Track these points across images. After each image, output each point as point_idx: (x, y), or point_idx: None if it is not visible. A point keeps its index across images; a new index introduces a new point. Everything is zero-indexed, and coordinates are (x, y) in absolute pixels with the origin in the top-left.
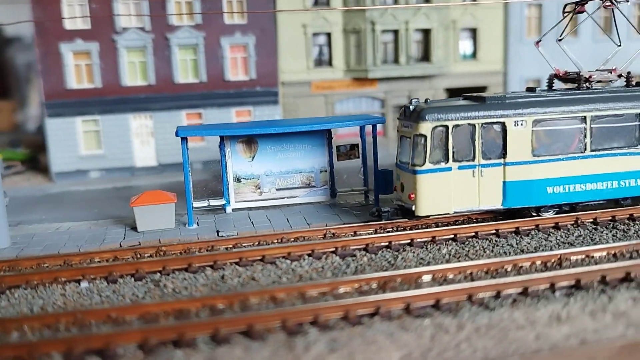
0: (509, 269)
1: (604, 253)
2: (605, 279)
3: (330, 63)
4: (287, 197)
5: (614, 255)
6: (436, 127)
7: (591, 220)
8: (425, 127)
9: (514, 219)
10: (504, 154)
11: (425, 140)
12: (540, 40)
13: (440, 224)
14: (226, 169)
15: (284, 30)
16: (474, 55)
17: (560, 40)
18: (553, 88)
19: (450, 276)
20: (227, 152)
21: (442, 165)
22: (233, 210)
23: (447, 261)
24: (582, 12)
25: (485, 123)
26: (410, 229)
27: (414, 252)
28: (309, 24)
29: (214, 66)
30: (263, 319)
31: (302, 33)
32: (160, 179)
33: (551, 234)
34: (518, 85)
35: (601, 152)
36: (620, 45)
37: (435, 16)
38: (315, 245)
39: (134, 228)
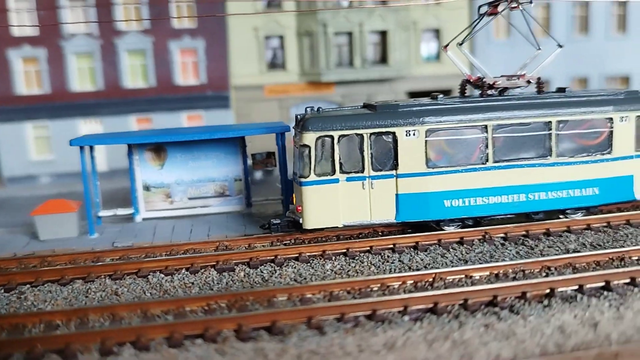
0: (375, 289)
1: (486, 273)
2: (467, 303)
3: (284, 66)
4: (200, 207)
5: (497, 275)
6: (320, 137)
7: (502, 235)
8: (309, 138)
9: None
10: (395, 166)
11: (310, 151)
12: (460, 43)
13: (351, 237)
14: (134, 178)
15: (235, 33)
16: (437, 57)
17: (461, 44)
18: (465, 95)
19: (309, 295)
20: (135, 160)
21: (329, 177)
22: (143, 219)
23: (323, 278)
24: (495, 13)
25: (374, 133)
26: (309, 242)
27: (295, 268)
28: (261, 27)
29: (164, 71)
30: (80, 338)
31: (253, 36)
32: (108, 185)
33: (451, 250)
34: None
35: (506, 164)
36: (539, 49)
37: (392, 17)
38: (195, 259)
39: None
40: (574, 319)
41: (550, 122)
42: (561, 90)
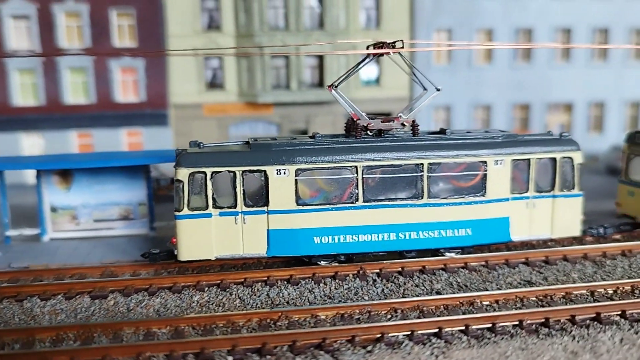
0: (220, 325)
1: (333, 312)
2: (296, 344)
3: (222, 86)
4: (105, 229)
5: (342, 316)
6: (193, 173)
7: (377, 270)
8: (182, 173)
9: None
10: (267, 202)
11: (183, 186)
12: (335, 85)
13: (244, 267)
14: (42, 199)
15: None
16: (377, 81)
17: (336, 86)
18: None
19: (154, 329)
20: (42, 182)
21: (202, 211)
22: (51, 239)
23: (185, 310)
24: (379, 55)
25: (246, 170)
26: (198, 272)
27: (164, 299)
28: (200, 48)
29: (104, 88)
30: None
31: (193, 57)
32: (25, 198)
33: (322, 285)
34: (425, 111)
35: (376, 203)
36: (439, 90)
37: (328, 41)
38: (74, 285)
39: None
40: None
41: (422, 164)
42: (442, 131)
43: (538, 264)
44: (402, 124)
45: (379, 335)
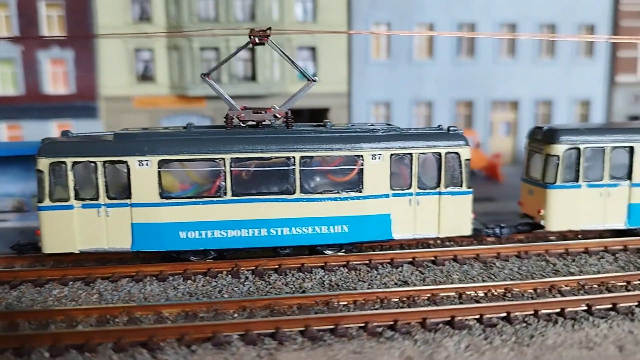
0: (58, 320)
1: (179, 310)
2: (120, 343)
3: (153, 79)
4: None
5: (187, 314)
6: (54, 163)
7: (253, 268)
8: (43, 163)
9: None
10: (129, 195)
11: (44, 176)
12: (208, 74)
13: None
14: None
15: (105, 45)
16: (314, 75)
17: (206, 75)
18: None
19: None
20: None
21: (64, 202)
22: None
23: (38, 304)
24: (263, 43)
25: (108, 161)
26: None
27: (22, 292)
28: (130, 40)
29: (33, 79)
30: None
31: (123, 48)
32: None
33: (190, 281)
34: (365, 107)
35: (246, 197)
36: (314, 81)
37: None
38: None
39: None
40: None
41: (293, 157)
42: (322, 124)
43: (424, 264)
44: (275, 116)
45: (210, 335)
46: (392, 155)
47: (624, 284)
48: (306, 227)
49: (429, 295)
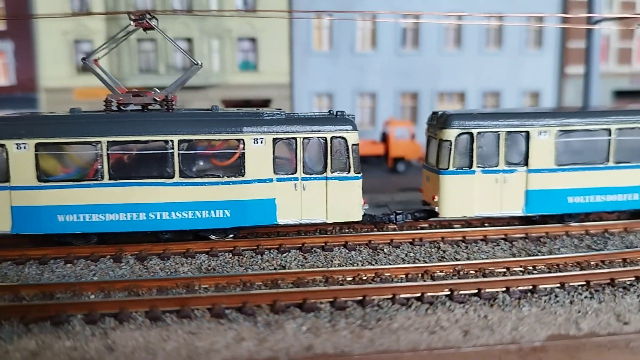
0: None
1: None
2: None
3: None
4: None
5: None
6: None
7: (137, 252)
8: None
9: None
10: (9, 178)
11: None
12: (88, 57)
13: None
14: None
15: (45, 36)
16: (255, 66)
17: (86, 59)
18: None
19: None
20: None
21: None
22: None
23: None
24: (153, 27)
25: None
26: None
27: None
28: (70, 31)
29: None
30: None
31: (63, 40)
32: None
33: (69, 265)
34: (307, 98)
35: (124, 181)
36: (199, 65)
37: (196, 25)
38: None
39: None
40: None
41: (171, 141)
42: (208, 109)
43: (313, 249)
44: (155, 99)
45: (52, 314)
46: (274, 139)
47: (504, 270)
48: (186, 211)
49: (294, 279)
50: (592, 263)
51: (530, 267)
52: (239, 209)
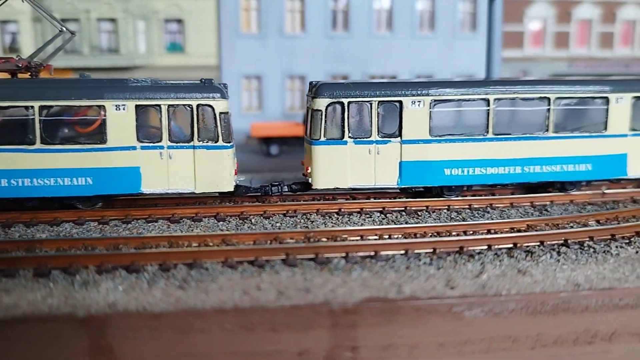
0: None
1: None
2: None
3: (20, 51)
4: None
5: None
6: None
7: (4, 221)
8: None
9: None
10: None
11: None
12: None
13: None
14: None
15: None
16: (182, 48)
17: None
18: None
19: None
20: None
21: None
22: None
23: None
24: None
25: None
26: None
27: None
28: None
29: None
30: None
31: None
32: None
33: None
34: (235, 80)
35: None
36: (65, 32)
37: (120, 6)
38: None
39: None
40: None
41: (32, 107)
42: (79, 77)
43: (183, 219)
44: (17, 66)
45: None
46: (137, 106)
47: (358, 237)
48: (48, 178)
49: (137, 244)
50: (453, 233)
51: (386, 236)
52: (102, 177)
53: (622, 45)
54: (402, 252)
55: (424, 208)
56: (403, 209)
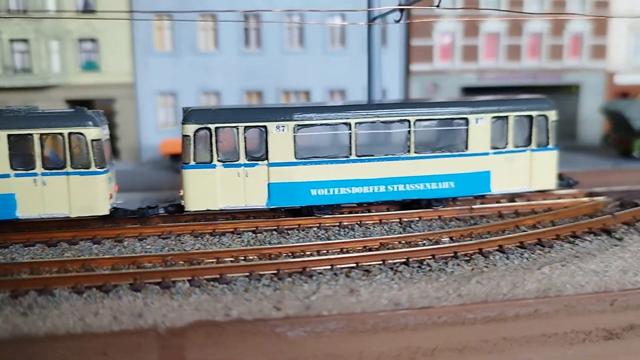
0: None
1: None
2: None
3: None
4: None
5: None
6: None
7: None
8: None
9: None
10: None
11: None
12: None
13: None
14: None
15: None
16: (97, 67)
17: None
18: None
19: None
20: None
21: None
22: None
23: None
24: None
25: None
26: None
27: None
28: None
29: None
30: None
31: None
32: None
33: None
34: (151, 97)
35: None
36: None
37: (32, 27)
38: None
39: None
40: None
41: None
42: None
43: (60, 243)
44: None
45: None
46: (10, 135)
47: (214, 260)
48: None
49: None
50: (307, 252)
51: (242, 257)
52: None
53: (530, 58)
54: (247, 274)
55: (296, 227)
56: (275, 227)
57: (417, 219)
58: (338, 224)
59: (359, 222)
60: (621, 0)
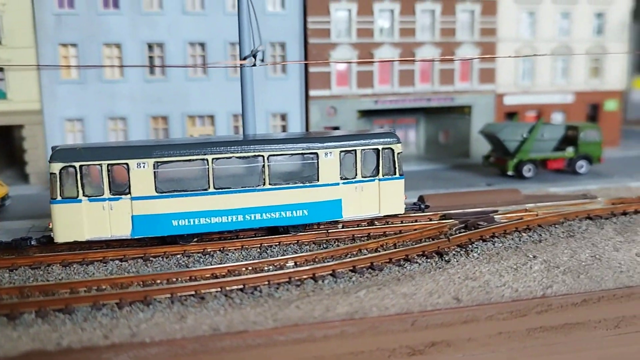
0: None
1: None
2: None
3: None
4: None
5: None
6: None
7: None
8: None
9: None
10: None
11: None
12: None
13: None
14: None
15: None
16: (4, 95)
17: None
18: None
19: None
20: None
21: None
22: None
23: None
24: None
25: None
26: None
27: None
28: None
29: None
30: None
31: None
32: None
33: None
34: (58, 124)
35: None
36: None
37: None
38: None
39: None
40: None
41: None
42: None
43: None
44: None
45: None
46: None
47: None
48: None
49: None
50: (157, 281)
51: (95, 287)
52: None
53: (422, 82)
54: (91, 304)
55: (162, 254)
56: (142, 255)
57: (277, 243)
58: (202, 250)
59: (221, 249)
60: (507, 26)
